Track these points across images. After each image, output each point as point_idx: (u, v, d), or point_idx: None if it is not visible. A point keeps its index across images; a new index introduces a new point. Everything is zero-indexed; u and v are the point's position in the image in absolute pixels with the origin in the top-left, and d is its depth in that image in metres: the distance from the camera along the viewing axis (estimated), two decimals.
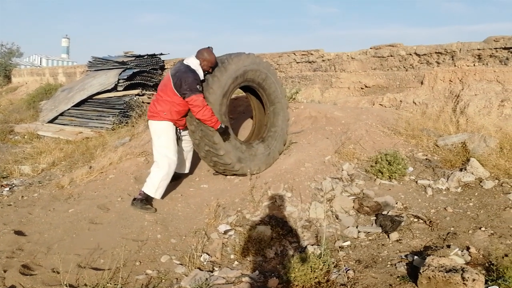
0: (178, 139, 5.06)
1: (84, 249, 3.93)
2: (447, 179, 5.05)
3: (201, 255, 3.87)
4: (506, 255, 3.32)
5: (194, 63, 4.76)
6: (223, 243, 4.12)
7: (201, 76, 4.79)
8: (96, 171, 6.14)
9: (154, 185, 4.78)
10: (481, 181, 4.87)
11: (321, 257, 3.34)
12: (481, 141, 5.43)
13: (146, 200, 4.81)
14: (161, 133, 4.80)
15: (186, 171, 5.54)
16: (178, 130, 5.02)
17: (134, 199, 4.82)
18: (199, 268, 3.67)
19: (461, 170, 5.12)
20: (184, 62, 4.82)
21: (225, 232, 4.31)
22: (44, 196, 5.56)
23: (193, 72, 4.69)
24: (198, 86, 4.62)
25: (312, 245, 3.96)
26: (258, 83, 5.45)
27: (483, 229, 3.88)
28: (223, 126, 4.86)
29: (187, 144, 5.31)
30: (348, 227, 4.34)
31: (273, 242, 4.05)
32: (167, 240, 4.18)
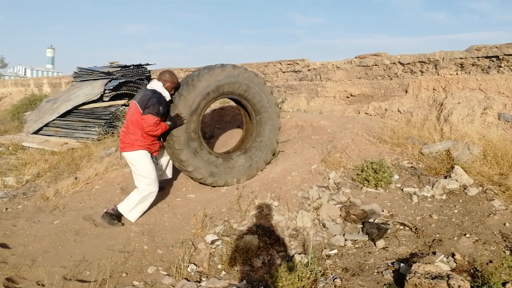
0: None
1: (69, 261, 3.89)
2: (432, 186, 5.10)
3: (188, 266, 3.85)
4: (491, 261, 3.36)
5: (158, 86, 4.84)
6: (210, 253, 4.10)
7: (167, 97, 4.87)
8: (82, 182, 6.09)
9: (130, 206, 4.74)
10: (465, 188, 4.93)
11: (308, 265, 3.35)
12: (465, 149, 5.51)
13: (116, 216, 4.74)
14: (138, 163, 4.74)
15: (169, 176, 5.50)
16: (153, 157, 4.94)
17: (106, 212, 4.76)
18: (186, 279, 3.65)
19: (445, 177, 5.18)
20: (148, 87, 4.87)
21: (212, 242, 4.30)
22: (29, 207, 5.48)
23: (158, 94, 4.75)
24: (160, 108, 4.66)
25: (299, 253, 3.96)
26: (240, 94, 5.44)
27: (467, 235, 3.92)
28: (168, 122, 4.84)
29: (166, 155, 5.31)
30: (335, 235, 4.36)
31: (260, 252, 4.05)
32: (154, 251, 4.15)
